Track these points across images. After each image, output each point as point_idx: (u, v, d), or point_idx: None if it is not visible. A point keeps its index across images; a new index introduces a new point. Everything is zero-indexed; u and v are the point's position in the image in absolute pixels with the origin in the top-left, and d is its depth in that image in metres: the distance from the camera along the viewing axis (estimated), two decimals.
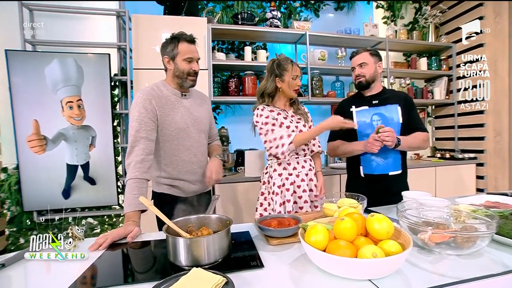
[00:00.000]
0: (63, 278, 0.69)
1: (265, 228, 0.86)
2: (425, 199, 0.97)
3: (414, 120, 1.47)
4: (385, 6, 3.05)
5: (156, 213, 0.81)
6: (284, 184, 1.41)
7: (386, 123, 1.43)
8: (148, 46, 1.98)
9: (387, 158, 1.42)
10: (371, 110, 1.48)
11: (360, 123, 1.47)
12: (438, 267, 0.67)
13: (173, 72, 1.19)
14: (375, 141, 1.31)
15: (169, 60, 1.19)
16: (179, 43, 1.16)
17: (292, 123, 1.44)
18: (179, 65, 1.17)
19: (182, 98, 1.24)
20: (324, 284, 0.61)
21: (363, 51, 1.49)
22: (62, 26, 2.09)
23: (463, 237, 0.70)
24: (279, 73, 1.42)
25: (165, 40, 1.20)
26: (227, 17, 2.58)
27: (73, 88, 1.95)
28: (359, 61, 1.48)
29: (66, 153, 1.97)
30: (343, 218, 0.67)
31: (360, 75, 1.48)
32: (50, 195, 1.98)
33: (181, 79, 1.19)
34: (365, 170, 1.47)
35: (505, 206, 1.04)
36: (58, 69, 1.91)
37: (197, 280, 0.60)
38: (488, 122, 2.71)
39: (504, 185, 2.67)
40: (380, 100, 1.48)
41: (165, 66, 1.22)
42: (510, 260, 0.70)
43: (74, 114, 1.95)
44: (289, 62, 1.43)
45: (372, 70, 1.47)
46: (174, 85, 1.23)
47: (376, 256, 0.57)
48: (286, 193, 1.40)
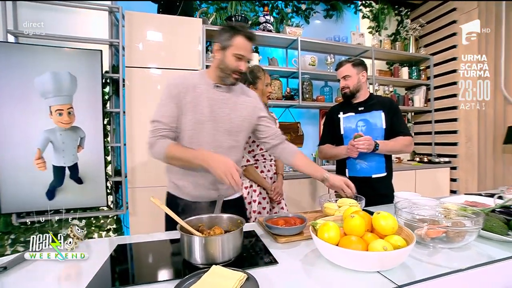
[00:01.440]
0: (63, 278, 0.69)
1: (274, 227, 0.90)
2: (417, 199, 1.05)
3: (397, 125, 1.55)
4: (370, 17, 3.23)
5: (168, 212, 0.81)
6: (252, 186, 1.50)
7: (370, 128, 1.53)
8: (141, 44, 1.95)
9: (371, 161, 1.52)
10: (357, 116, 1.58)
11: (345, 129, 1.59)
12: (435, 259, 0.74)
13: (217, 63, 1.08)
14: (353, 147, 1.42)
15: (219, 49, 1.08)
16: (237, 36, 1.05)
17: None
18: (227, 58, 1.06)
19: (214, 89, 1.11)
20: (336, 277, 0.66)
21: (346, 63, 1.57)
22: (49, 19, 2.00)
23: (455, 232, 0.78)
24: (253, 80, 1.50)
25: (223, 27, 1.09)
26: (220, 19, 2.60)
27: (65, 97, 1.86)
28: (342, 74, 1.58)
29: (53, 155, 1.87)
30: (353, 215, 0.72)
31: (344, 87, 1.58)
32: (32, 196, 1.87)
33: (224, 73, 1.08)
34: (350, 172, 1.56)
35: (482, 205, 1.16)
36: (50, 82, 1.81)
37: (219, 277, 0.63)
38: (460, 129, 2.96)
39: (474, 187, 2.91)
40: (365, 107, 1.58)
41: (212, 54, 1.12)
42: (493, 252, 0.79)
43: (63, 120, 1.88)
44: (261, 70, 1.52)
45: (355, 81, 1.56)
46: (213, 76, 1.11)
47: (387, 249, 0.62)
48: (253, 193, 1.48)
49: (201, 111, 1.08)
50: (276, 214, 1.23)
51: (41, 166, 1.88)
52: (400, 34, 3.21)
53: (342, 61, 1.60)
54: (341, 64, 1.59)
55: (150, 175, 1.98)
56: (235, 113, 1.14)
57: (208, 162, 0.97)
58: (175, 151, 1.03)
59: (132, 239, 0.96)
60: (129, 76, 1.94)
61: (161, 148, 1.03)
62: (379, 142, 1.44)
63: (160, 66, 1.99)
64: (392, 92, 3.16)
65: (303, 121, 2.98)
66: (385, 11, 3.22)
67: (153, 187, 1.98)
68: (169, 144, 1.03)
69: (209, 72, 1.14)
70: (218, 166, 0.95)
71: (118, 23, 2.16)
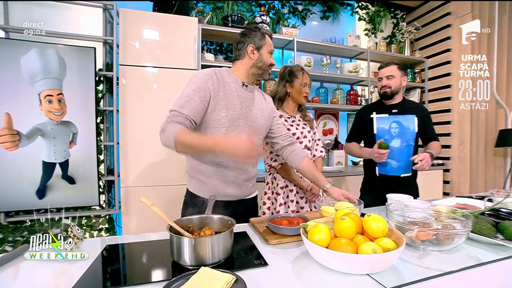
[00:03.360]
0: (63, 278, 0.68)
1: (278, 226, 0.90)
2: (408, 201, 1.06)
3: (431, 131, 1.68)
4: (366, 19, 3.24)
5: (157, 212, 0.80)
6: (288, 185, 1.47)
7: (402, 131, 1.59)
8: (136, 42, 1.93)
9: (400, 161, 1.58)
10: (391, 118, 1.63)
11: (378, 129, 1.65)
12: (424, 262, 0.75)
13: (254, 62, 1.14)
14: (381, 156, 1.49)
15: (253, 49, 1.13)
16: (266, 35, 1.15)
17: (298, 130, 1.52)
18: (264, 56, 1.14)
19: (242, 87, 1.15)
20: (326, 280, 0.66)
21: (392, 64, 1.63)
22: (42, 15, 1.97)
23: (444, 235, 0.79)
24: (290, 79, 1.51)
25: (251, 29, 1.15)
26: (216, 18, 2.59)
27: (54, 81, 1.83)
28: (387, 73, 1.61)
29: (43, 150, 1.84)
30: (343, 218, 0.72)
31: (386, 86, 1.62)
32: (21, 195, 1.84)
33: (263, 70, 1.15)
34: (380, 170, 1.64)
35: (473, 208, 1.17)
36: (37, 59, 1.78)
37: (207, 278, 0.62)
38: (454, 132, 2.99)
39: (466, 190, 2.94)
40: (399, 110, 1.63)
41: (243, 55, 1.15)
42: (482, 255, 0.79)
43: (53, 109, 1.83)
44: (300, 70, 1.53)
45: (398, 82, 1.61)
46: (242, 76, 1.16)
47: (376, 252, 0.62)
48: (289, 193, 1.47)
49: (233, 108, 1.10)
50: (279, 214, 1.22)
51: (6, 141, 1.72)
52: (396, 37, 3.24)
53: (388, 62, 1.66)
54: (386, 64, 1.64)
55: (143, 175, 1.96)
56: (261, 112, 1.20)
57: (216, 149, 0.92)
58: (186, 136, 0.94)
59: (123, 239, 0.95)
60: (123, 74, 1.92)
61: (170, 132, 0.93)
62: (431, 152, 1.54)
63: (155, 65, 1.98)
64: None
65: None
66: (381, 13, 3.24)
67: (146, 187, 1.96)
68: (180, 128, 0.94)
69: (237, 71, 1.17)
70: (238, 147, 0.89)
71: (112, 20, 2.14)
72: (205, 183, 1.13)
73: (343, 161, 2.85)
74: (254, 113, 1.17)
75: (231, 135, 1.08)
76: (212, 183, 1.13)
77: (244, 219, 1.10)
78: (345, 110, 3.13)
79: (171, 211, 1.08)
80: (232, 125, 1.10)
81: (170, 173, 1.97)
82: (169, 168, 1.96)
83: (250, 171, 1.22)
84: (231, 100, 1.10)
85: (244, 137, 0.92)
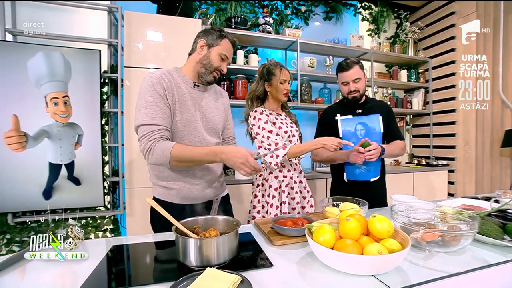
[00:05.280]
0: (63, 278, 0.68)
1: (283, 227, 0.90)
2: (413, 202, 1.05)
3: (394, 129, 1.57)
4: (369, 19, 3.23)
5: (164, 214, 0.81)
6: (281, 186, 1.45)
7: (368, 132, 1.51)
8: (140, 44, 1.95)
9: (368, 165, 1.50)
10: (355, 119, 1.54)
11: (344, 132, 1.54)
12: (430, 263, 0.74)
13: (200, 58, 1.09)
14: (359, 154, 1.35)
15: (204, 45, 1.09)
16: (224, 39, 1.10)
17: (288, 128, 1.49)
18: (212, 55, 1.08)
19: (193, 88, 1.12)
20: (332, 281, 0.66)
21: (354, 64, 1.47)
22: (48, 18, 1.99)
23: (450, 236, 0.78)
24: (268, 77, 1.47)
25: (211, 28, 1.12)
26: (220, 20, 2.60)
27: (59, 83, 1.85)
28: (353, 76, 1.47)
29: (49, 152, 1.86)
30: (349, 218, 0.72)
31: (355, 91, 1.48)
32: (28, 196, 1.86)
33: (205, 69, 1.09)
34: (348, 176, 1.54)
35: (479, 209, 1.16)
36: (43, 63, 1.81)
37: (213, 279, 0.62)
38: (458, 132, 2.96)
39: (471, 190, 2.91)
40: (363, 110, 1.55)
41: (193, 50, 1.12)
42: (489, 256, 0.79)
43: (59, 111, 1.86)
44: (277, 67, 1.47)
45: (364, 84, 1.52)
46: (191, 73, 1.12)
47: (382, 253, 0.62)
48: (282, 195, 1.44)
49: (187, 111, 1.07)
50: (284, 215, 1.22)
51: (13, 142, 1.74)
52: (399, 37, 3.23)
53: (349, 62, 1.47)
54: (348, 66, 1.46)
55: (147, 176, 1.95)
56: (216, 111, 1.18)
57: (221, 156, 0.95)
58: (183, 151, 0.96)
59: (128, 240, 0.96)
60: (128, 76, 1.94)
61: (165, 151, 0.94)
62: (384, 147, 1.43)
63: (159, 67, 1.99)
64: (391, 94, 3.17)
65: (301, 122, 2.92)
66: (385, 13, 3.23)
67: (151, 188, 1.97)
68: (173, 145, 0.95)
69: (185, 69, 1.13)
70: (234, 157, 0.93)
71: (117, 23, 2.16)
72: (171, 189, 1.10)
73: None
74: (209, 112, 1.14)
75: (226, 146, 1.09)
76: (177, 187, 1.10)
77: None
78: None
79: None
80: (187, 129, 1.07)
81: None
82: None
83: (215, 170, 1.18)
84: (184, 103, 1.07)
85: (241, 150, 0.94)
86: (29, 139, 1.82)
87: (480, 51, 2.70)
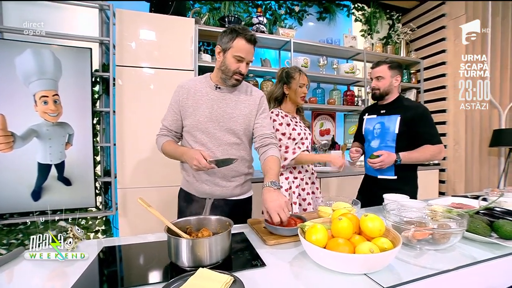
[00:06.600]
0: (63, 278, 0.68)
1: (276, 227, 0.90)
2: (404, 201, 1.07)
3: (424, 133, 1.46)
4: (362, 20, 3.27)
5: (155, 214, 0.80)
6: (291, 187, 1.47)
7: (383, 131, 1.56)
8: (132, 43, 1.92)
9: None
10: (378, 118, 1.61)
11: (366, 130, 1.66)
12: (421, 261, 0.75)
13: (219, 65, 1.14)
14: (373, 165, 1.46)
15: (220, 51, 1.13)
16: (237, 38, 1.07)
17: (302, 130, 1.53)
18: (228, 60, 1.10)
19: (215, 90, 1.17)
20: (324, 279, 0.66)
21: (383, 64, 1.54)
22: (37, 15, 1.95)
23: (440, 234, 0.80)
24: (287, 80, 1.53)
25: (225, 29, 1.12)
26: (213, 19, 2.59)
27: (49, 82, 1.81)
28: (376, 74, 1.56)
29: (38, 151, 1.82)
30: (341, 218, 0.72)
31: (375, 88, 1.58)
32: (16, 197, 1.81)
33: (225, 75, 1.13)
34: (366, 170, 1.69)
35: (468, 207, 1.19)
36: (32, 60, 1.76)
37: (205, 280, 0.62)
38: (449, 132, 3.02)
39: (461, 189, 2.97)
40: (387, 110, 1.58)
41: (216, 55, 1.16)
42: (477, 253, 0.80)
43: (49, 110, 1.81)
44: (297, 71, 1.54)
45: (387, 83, 1.54)
46: (216, 78, 1.18)
47: (373, 252, 0.63)
48: (292, 195, 1.46)
49: (200, 113, 1.15)
50: None
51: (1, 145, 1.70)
52: (392, 38, 3.27)
53: (379, 62, 1.57)
54: (377, 64, 1.57)
55: (140, 176, 1.95)
56: (236, 111, 1.18)
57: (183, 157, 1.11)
58: (168, 148, 1.19)
59: (120, 241, 0.94)
60: (120, 75, 1.91)
61: (159, 144, 1.24)
62: (402, 155, 1.43)
63: (152, 66, 1.97)
64: None
65: None
66: (377, 15, 3.27)
67: (143, 188, 1.95)
68: (164, 141, 1.21)
69: (212, 74, 1.22)
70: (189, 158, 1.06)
71: (108, 21, 2.12)
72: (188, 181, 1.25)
73: None
74: (228, 113, 1.16)
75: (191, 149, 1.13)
76: (190, 180, 1.23)
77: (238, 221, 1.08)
78: (342, 111, 3.15)
79: (168, 212, 1.08)
80: (198, 130, 1.16)
81: (167, 174, 1.96)
82: (166, 169, 1.95)
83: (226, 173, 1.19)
84: (199, 106, 1.16)
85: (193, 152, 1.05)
86: (16, 139, 1.77)
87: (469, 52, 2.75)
